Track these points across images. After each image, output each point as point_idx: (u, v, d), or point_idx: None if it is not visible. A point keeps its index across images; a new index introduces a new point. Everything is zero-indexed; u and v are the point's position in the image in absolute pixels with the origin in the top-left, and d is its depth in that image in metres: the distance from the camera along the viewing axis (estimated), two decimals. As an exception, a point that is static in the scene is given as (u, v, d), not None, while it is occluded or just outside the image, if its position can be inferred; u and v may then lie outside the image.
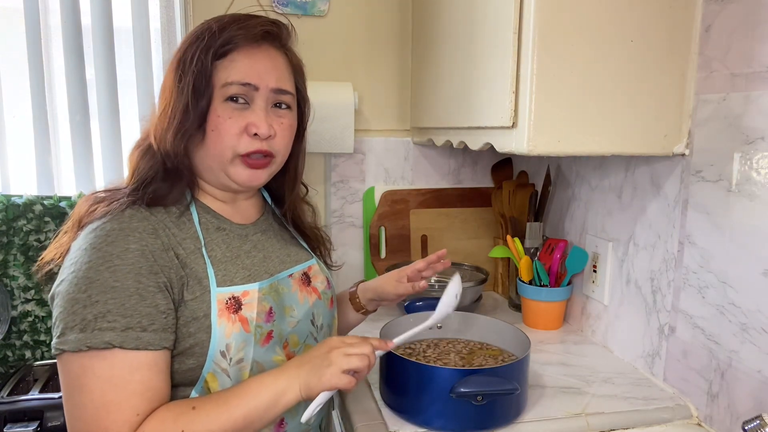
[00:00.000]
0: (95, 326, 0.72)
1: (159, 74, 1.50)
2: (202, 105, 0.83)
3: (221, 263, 0.85)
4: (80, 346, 0.72)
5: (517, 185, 1.58)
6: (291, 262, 0.96)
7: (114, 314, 0.73)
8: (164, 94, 0.85)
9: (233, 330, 0.82)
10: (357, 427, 0.96)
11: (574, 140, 0.99)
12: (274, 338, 0.88)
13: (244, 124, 0.85)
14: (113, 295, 0.74)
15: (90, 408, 0.72)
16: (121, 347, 0.73)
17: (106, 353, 0.72)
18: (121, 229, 0.78)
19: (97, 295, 0.73)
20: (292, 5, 1.57)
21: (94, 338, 0.72)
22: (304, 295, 0.95)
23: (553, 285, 1.39)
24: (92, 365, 0.72)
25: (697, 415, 1.03)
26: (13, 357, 1.45)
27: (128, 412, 0.72)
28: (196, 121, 0.83)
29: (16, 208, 1.41)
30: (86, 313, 0.73)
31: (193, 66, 0.82)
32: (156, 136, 0.85)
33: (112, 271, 0.75)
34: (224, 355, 0.81)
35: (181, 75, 0.83)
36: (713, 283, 0.98)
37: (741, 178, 0.92)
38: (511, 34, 0.98)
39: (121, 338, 0.73)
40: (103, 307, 0.73)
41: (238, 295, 0.84)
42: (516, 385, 0.91)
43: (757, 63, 0.89)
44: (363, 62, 1.65)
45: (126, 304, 0.74)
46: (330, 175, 1.65)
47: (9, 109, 1.45)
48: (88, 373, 0.72)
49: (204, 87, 0.83)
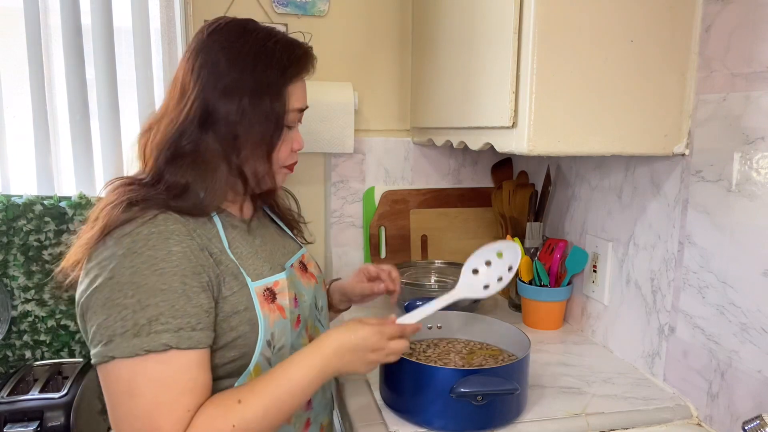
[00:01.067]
0: (150, 330, 0.73)
1: (159, 74, 1.50)
2: (279, 132, 0.88)
3: (246, 259, 0.88)
4: (137, 351, 0.72)
5: (517, 185, 1.58)
6: (289, 252, 1.01)
7: (166, 316, 0.74)
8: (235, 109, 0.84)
9: (275, 319, 0.87)
10: (357, 427, 0.96)
11: (574, 140, 0.99)
12: (302, 322, 0.94)
13: (291, 144, 0.93)
14: (163, 297, 0.75)
15: (143, 411, 0.73)
16: (177, 348, 0.74)
17: (162, 356, 0.73)
18: (160, 233, 0.78)
19: (147, 299, 0.74)
20: (292, 5, 1.57)
21: (152, 341, 0.73)
22: (306, 281, 1.00)
23: (553, 285, 1.39)
24: (145, 368, 0.73)
25: (697, 415, 1.03)
26: (13, 357, 1.45)
27: (180, 411, 0.73)
28: (272, 147, 0.88)
29: (16, 208, 1.41)
30: (138, 318, 0.73)
31: (271, 92, 0.86)
32: (227, 147, 0.85)
33: (159, 275, 0.75)
34: (269, 344, 0.86)
35: (260, 93, 0.85)
36: (713, 283, 0.98)
37: (741, 178, 0.92)
38: (511, 34, 0.99)
39: (176, 339, 0.74)
40: (156, 311, 0.74)
41: (270, 286, 0.88)
42: (516, 385, 0.91)
43: (757, 63, 0.89)
44: (363, 62, 1.65)
45: (176, 305, 0.75)
46: (330, 175, 1.65)
47: (9, 109, 1.45)
48: (140, 376, 0.73)
49: (283, 111, 0.88)
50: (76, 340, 1.48)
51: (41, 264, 1.44)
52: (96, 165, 1.50)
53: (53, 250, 1.44)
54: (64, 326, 1.47)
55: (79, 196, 1.45)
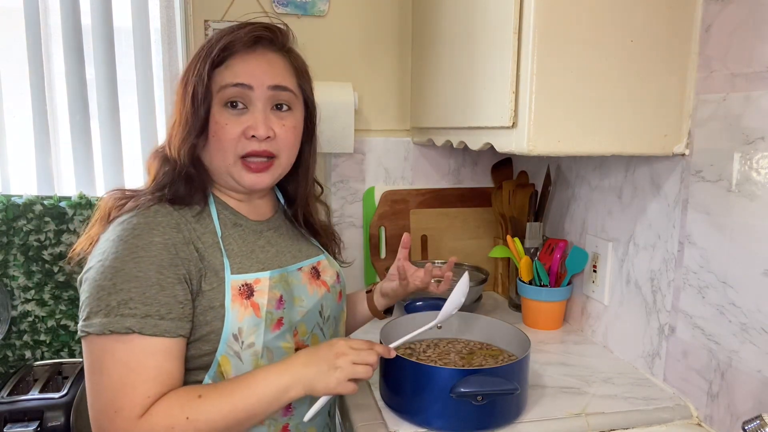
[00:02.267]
0: (118, 312, 0.77)
1: (159, 74, 1.50)
2: (201, 112, 0.87)
3: (237, 256, 0.90)
4: (104, 330, 0.77)
5: (517, 185, 1.58)
6: (302, 256, 1.01)
7: (135, 302, 0.78)
8: (175, 105, 0.92)
9: (245, 314, 0.86)
10: (357, 427, 0.96)
11: (574, 140, 0.99)
12: (285, 325, 0.92)
13: (242, 128, 0.89)
14: (136, 284, 0.79)
15: (108, 389, 0.77)
16: (140, 333, 0.77)
17: (126, 338, 0.77)
18: (147, 224, 0.83)
19: (121, 283, 0.78)
20: (292, 5, 1.57)
21: (117, 323, 0.77)
22: (313, 287, 0.99)
23: (553, 285, 1.39)
24: (113, 348, 0.77)
25: (697, 415, 1.03)
26: (13, 357, 1.46)
27: (141, 395, 0.77)
28: (197, 128, 0.88)
29: (16, 208, 1.41)
30: (110, 300, 0.78)
31: (194, 76, 0.88)
32: (169, 145, 0.91)
33: (136, 262, 0.80)
34: (236, 338, 0.86)
35: (185, 85, 0.89)
36: (713, 283, 0.98)
37: (741, 178, 0.92)
38: (511, 34, 0.99)
39: (140, 324, 0.77)
40: (126, 295, 0.78)
41: (250, 282, 0.89)
42: (516, 385, 0.91)
43: (757, 63, 0.89)
44: (363, 62, 1.65)
45: (147, 293, 0.79)
46: (330, 175, 1.65)
47: (9, 109, 1.45)
48: (108, 355, 0.77)
49: (203, 94, 0.87)
50: (76, 340, 1.48)
51: (41, 264, 1.44)
52: (96, 165, 1.50)
53: (53, 250, 1.44)
54: (64, 326, 1.47)
55: (79, 196, 1.45)
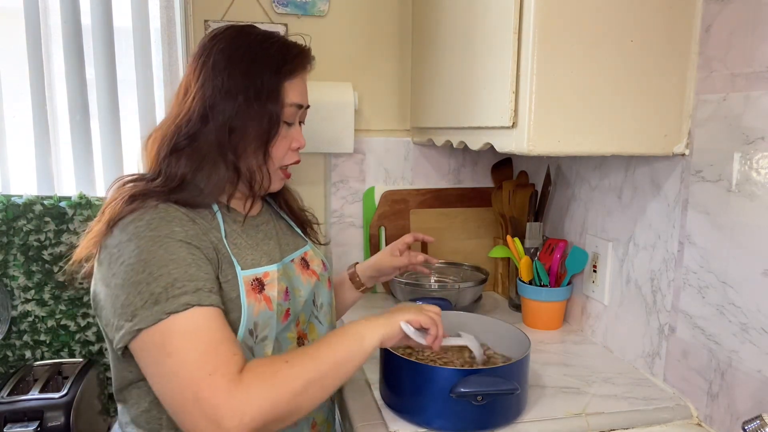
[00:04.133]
0: (168, 295, 0.76)
1: (159, 74, 1.50)
2: (276, 121, 0.91)
3: (243, 249, 0.91)
4: (160, 316, 0.74)
5: (517, 185, 1.58)
6: (290, 249, 1.03)
7: (181, 281, 0.77)
8: (226, 96, 0.88)
9: (260, 309, 0.88)
10: (357, 427, 0.96)
11: (574, 140, 0.99)
12: (291, 316, 0.95)
13: (290, 142, 0.96)
14: (174, 266, 0.78)
15: (188, 363, 0.73)
16: (199, 305, 0.76)
17: (185, 314, 0.75)
18: (162, 218, 0.82)
19: (157, 270, 0.77)
20: (292, 5, 1.57)
21: (171, 304, 0.75)
22: (306, 277, 1.02)
23: (553, 285, 1.39)
24: (175, 328, 0.75)
25: (697, 415, 1.03)
26: (13, 357, 1.46)
27: (228, 352, 0.75)
28: (273, 136, 0.91)
29: (16, 208, 1.41)
30: (153, 289, 0.76)
31: (266, 87, 0.89)
32: (226, 145, 0.88)
33: (165, 248, 0.79)
34: (252, 333, 0.87)
35: (256, 94, 0.89)
36: (713, 283, 0.98)
37: (741, 178, 0.92)
38: (511, 34, 0.99)
39: (197, 297, 0.77)
40: (168, 278, 0.77)
41: (260, 276, 0.90)
42: (516, 385, 0.91)
43: (757, 63, 0.89)
44: (363, 62, 1.65)
45: (189, 271, 0.78)
46: (330, 175, 1.65)
47: (9, 109, 1.45)
48: (174, 336, 0.75)
49: (278, 107, 0.91)
50: (76, 340, 1.48)
51: (41, 264, 1.44)
52: (96, 165, 1.50)
53: (53, 250, 1.44)
54: (64, 326, 1.47)
55: (79, 196, 1.45)
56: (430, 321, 0.89)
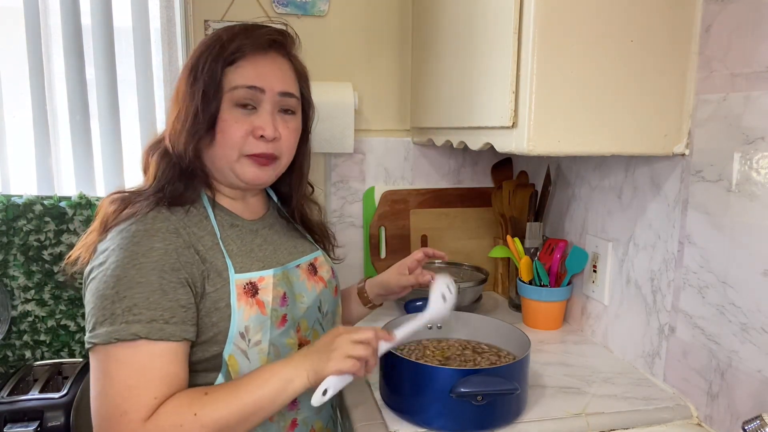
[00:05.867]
0: (123, 319, 0.77)
1: (159, 74, 1.50)
2: (211, 109, 0.88)
3: (238, 256, 0.91)
4: (110, 339, 0.77)
5: (517, 185, 1.58)
6: (298, 253, 1.02)
7: (140, 307, 0.78)
8: (177, 100, 0.92)
9: (251, 313, 0.87)
10: (357, 427, 0.96)
11: (574, 140, 0.99)
12: (288, 321, 0.93)
13: (250, 128, 0.90)
14: (139, 290, 0.79)
15: (114, 393, 0.77)
16: (146, 338, 0.77)
17: (132, 344, 0.77)
18: (146, 231, 0.83)
19: (124, 291, 0.78)
20: (292, 5, 1.56)
21: (122, 331, 0.77)
22: (311, 283, 1.01)
23: (553, 285, 1.39)
24: (117, 354, 0.77)
25: (697, 415, 1.03)
26: (13, 357, 1.46)
27: (147, 396, 0.77)
28: (206, 124, 0.88)
29: (16, 208, 1.41)
30: (115, 308, 0.78)
31: (204, 73, 0.88)
32: (170, 139, 0.91)
33: (138, 269, 0.80)
34: (243, 336, 0.87)
35: (192, 81, 0.89)
36: (713, 283, 0.98)
37: (741, 178, 0.92)
38: (511, 34, 0.98)
39: (146, 329, 0.77)
40: (130, 302, 0.78)
41: (254, 281, 0.90)
42: (516, 385, 0.91)
43: (757, 63, 0.89)
44: (363, 62, 1.65)
45: (150, 298, 0.79)
46: (330, 175, 1.65)
47: (9, 109, 1.45)
48: (113, 362, 0.77)
49: (213, 92, 0.88)
50: (76, 340, 1.48)
51: (41, 264, 1.44)
52: (96, 165, 1.50)
53: (53, 250, 1.44)
54: (64, 326, 1.47)
55: (79, 196, 1.45)
56: (358, 365, 0.82)
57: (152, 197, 0.87)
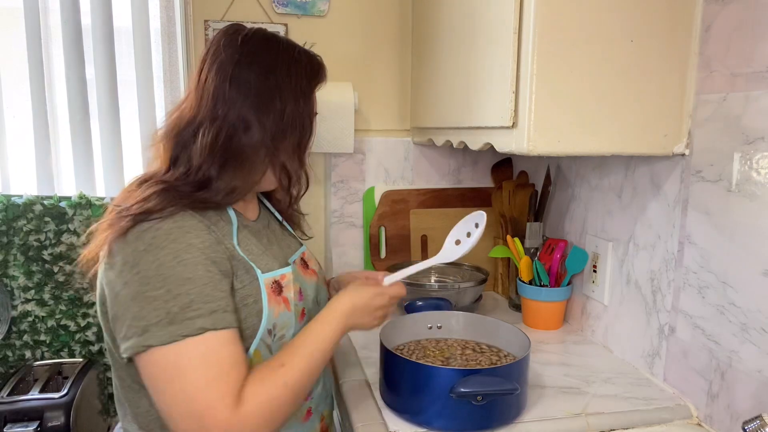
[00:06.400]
0: (184, 316, 0.77)
1: (159, 74, 1.50)
2: (310, 125, 0.95)
3: (257, 255, 0.92)
4: (174, 337, 0.76)
5: (517, 185, 1.58)
6: (291, 250, 1.05)
7: (198, 302, 0.78)
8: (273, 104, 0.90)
9: (280, 310, 0.91)
10: (357, 427, 0.96)
11: (574, 140, 0.99)
12: (306, 315, 0.98)
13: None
14: (191, 286, 0.78)
15: (193, 389, 0.76)
16: (213, 329, 0.78)
17: (199, 338, 0.77)
18: (180, 227, 0.82)
19: (176, 288, 0.77)
20: (292, 5, 1.56)
21: (187, 327, 0.76)
22: (308, 277, 1.04)
23: (553, 285, 1.39)
24: (188, 351, 0.76)
25: (697, 415, 1.03)
26: (13, 357, 1.46)
27: (229, 385, 0.77)
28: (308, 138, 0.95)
29: (16, 208, 1.41)
30: (170, 307, 0.77)
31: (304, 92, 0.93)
32: (273, 145, 0.90)
33: (183, 265, 0.79)
34: (270, 332, 0.90)
35: (303, 103, 0.93)
36: (713, 283, 0.98)
37: (741, 178, 0.92)
38: (511, 34, 0.98)
39: (211, 321, 0.78)
40: (186, 298, 0.77)
41: (278, 279, 0.92)
42: (516, 385, 0.91)
43: (757, 63, 0.89)
44: (363, 62, 1.65)
45: (204, 291, 0.79)
46: (330, 175, 1.65)
47: (9, 109, 1.45)
48: (184, 359, 0.76)
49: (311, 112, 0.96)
50: (76, 340, 1.48)
51: (41, 264, 1.44)
52: (96, 165, 1.50)
53: (53, 250, 1.44)
54: (64, 326, 1.47)
55: (79, 196, 1.45)
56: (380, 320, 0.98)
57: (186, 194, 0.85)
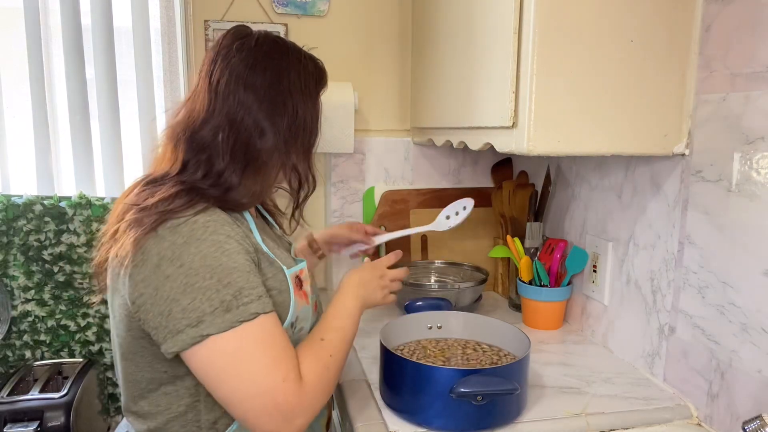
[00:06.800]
0: (238, 303, 0.79)
1: (159, 74, 1.50)
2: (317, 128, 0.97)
3: (275, 250, 0.94)
4: (233, 324, 0.78)
5: (517, 185, 1.58)
6: (287, 246, 1.07)
7: (247, 289, 0.81)
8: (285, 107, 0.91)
9: (302, 304, 0.94)
10: (357, 427, 0.96)
11: (574, 140, 0.99)
12: (319, 306, 1.03)
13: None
14: (237, 275, 0.81)
15: (258, 370, 0.79)
16: (264, 312, 0.81)
17: (256, 321, 0.80)
18: (216, 220, 0.83)
19: (226, 278, 0.80)
20: (292, 5, 1.57)
21: (243, 313, 0.79)
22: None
23: (553, 285, 1.39)
24: (246, 335, 0.79)
25: (697, 415, 1.03)
26: (13, 357, 1.46)
27: (292, 359, 0.82)
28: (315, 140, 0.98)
29: (16, 208, 1.41)
30: (223, 296, 0.79)
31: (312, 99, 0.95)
32: (287, 149, 0.92)
33: (227, 256, 0.81)
34: (293, 326, 0.92)
35: (313, 104, 0.96)
36: (713, 283, 0.98)
37: (741, 178, 0.92)
38: (511, 34, 0.99)
39: (261, 305, 0.81)
40: (236, 287, 0.80)
41: (298, 273, 0.96)
42: (516, 385, 0.91)
43: (757, 63, 0.89)
44: (363, 62, 1.65)
45: (249, 278, 0.82)
46: (330, 175, 1.65)
47: (9, 109, 1.45)
48: (248, 342, 0.79)
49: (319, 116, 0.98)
50: (76, 340, 1.48)
51: (41, 264, 1.44)
52: (96, 165, 1.50)
53: (53, 250, 1.44)
54: (64, 326, 1.47)
55: (79, 196, 1.45)
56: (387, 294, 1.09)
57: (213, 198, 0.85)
